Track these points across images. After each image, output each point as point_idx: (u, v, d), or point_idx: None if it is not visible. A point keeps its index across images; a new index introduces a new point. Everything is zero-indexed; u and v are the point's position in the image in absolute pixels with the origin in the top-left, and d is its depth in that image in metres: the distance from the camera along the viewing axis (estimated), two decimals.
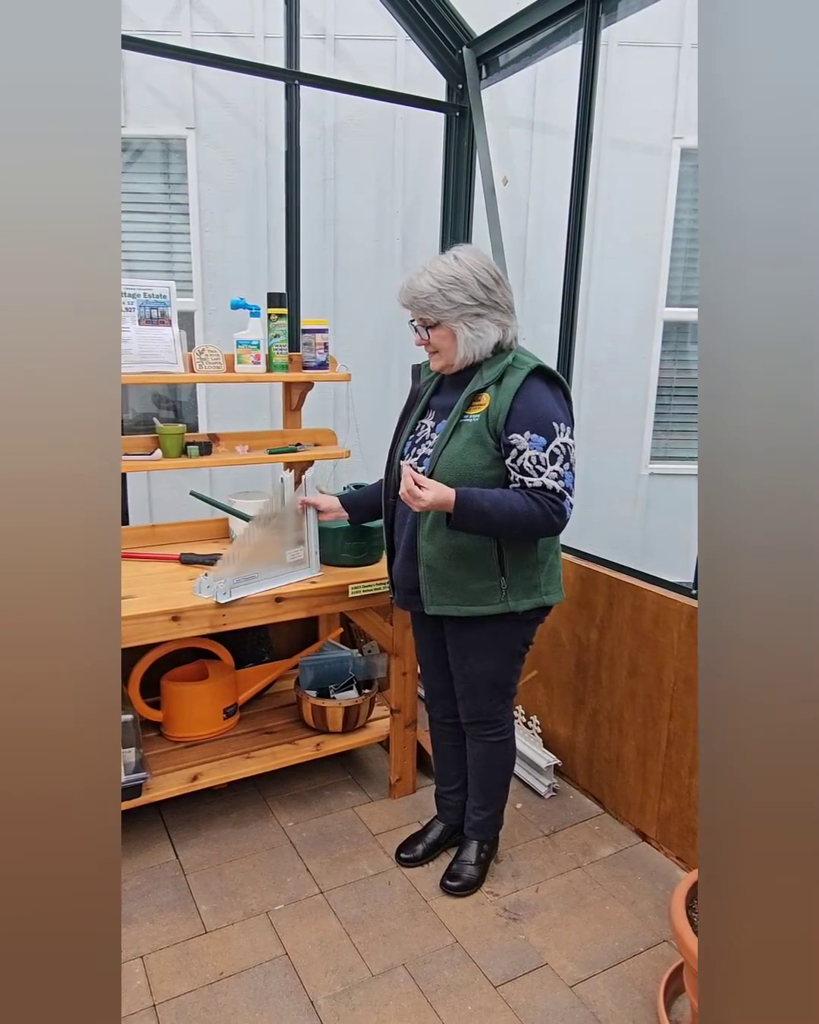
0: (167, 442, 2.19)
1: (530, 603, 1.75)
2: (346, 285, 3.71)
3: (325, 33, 3.44)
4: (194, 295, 3.62)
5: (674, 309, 4.02)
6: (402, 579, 1.83)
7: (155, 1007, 1.63)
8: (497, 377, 1.65)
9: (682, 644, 2.01)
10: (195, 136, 3.47)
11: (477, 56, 2.67)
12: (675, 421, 4.22)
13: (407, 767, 2.38)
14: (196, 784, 2.10)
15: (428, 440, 1.74)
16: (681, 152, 3.79)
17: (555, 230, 2.57)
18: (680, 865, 2.10)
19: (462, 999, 1.67)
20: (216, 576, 1.96)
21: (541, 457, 1.60)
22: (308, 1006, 1.64)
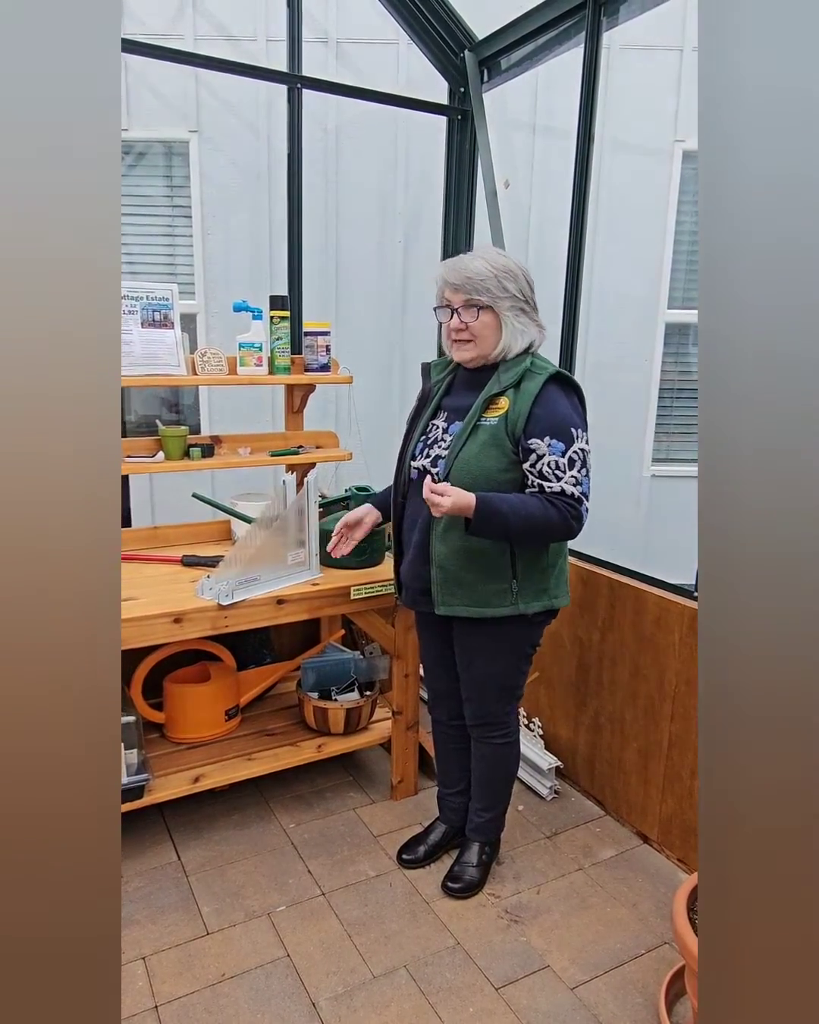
0: (169, 444, 2.20)
1: (540, 606, 1.76)
2: (348, 288, 3.72)
3: (328, 36, 3.45)
4: (196, 297, 3.63)
5: (676, 311, 4.03)
6: (412, 579, 1.82)
7: (157, 1008, 1.63)
8: (515, 381, 1.65)
9: (683, 646, 2.01)
10: (197, 139, 3.48)
11: (479, 59, 2.68)
12: (677, 423, 4.23)
13: (409, 769, 2.38)
14: (198, 786, 2.10)
15: (441, 441, 1.73)
16: (683, 155, 3.80)
17: (557, 233, 2.57)
18: (682, 867, 2.10)
19: (463, 1001, 1.67)
20: (218, 578, 1.97)
21: (560, 462, 1.61)
22: (310, 1007, 1.65)
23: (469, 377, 1.76)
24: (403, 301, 3.79)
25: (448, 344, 1.74)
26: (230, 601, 1.94)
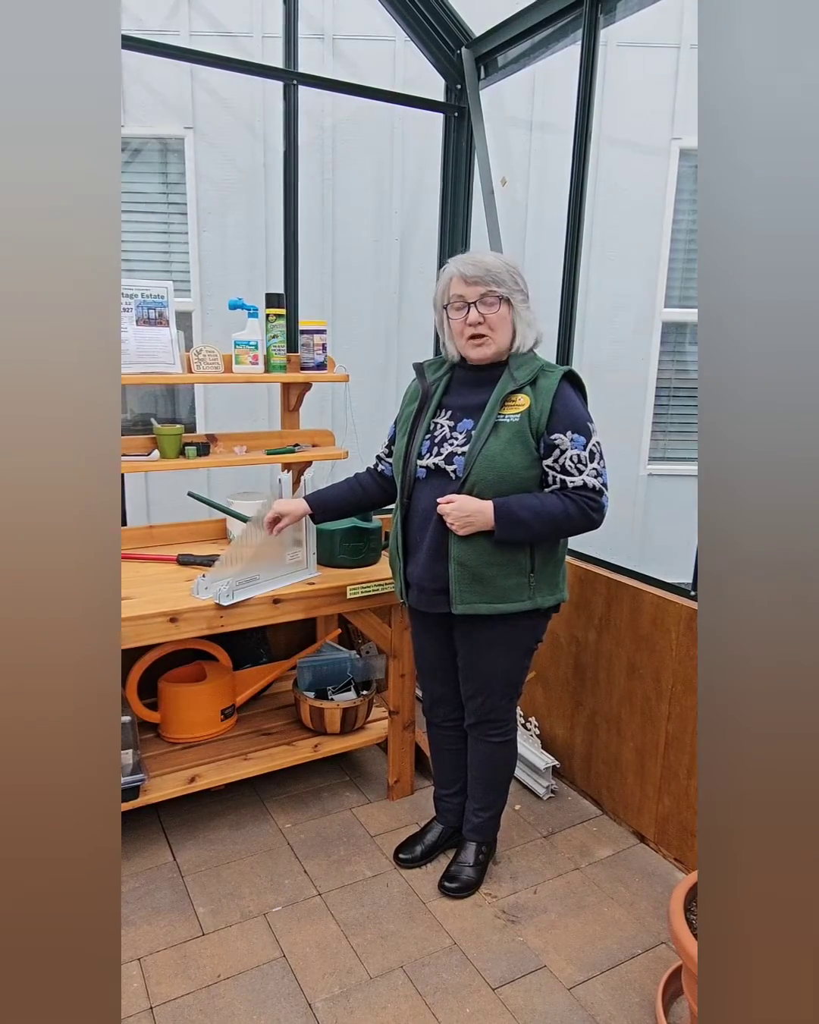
0: (165, 443, 2.19)
1: (553, 599, 1.79)
2: (344, 286, 3.71)
3: (324, 33, 3.44)
4: (192, 295, 3.62)
5: (673, 310, 4.02)
6: (429, 579, 1.77)
7: (152, 1009, 1.63)
8: (531, 379, 1.67)
9: (680, 645, 2.00)
10: (193, 136, 3.46)
11: (476, 56, 2.67)
12: (674, 422, 4.23)
13: (405, 768, 2.38)
14: (194, 786, 2.09)
15: (452, 439, 1.72)
16: (680, 152, 3.80)
17: (554, 231, 2.57)
18: (678, 866, 2.09)
19: (460, 1001, 1.67)
20: (215, 577, 1.96)
21: (582, 456, 1.66)
22: (306, 1008, 1.64)
23: (470, 376, 1.76)
24: (400, 299, 3.78)
25: (460, 342, 1.72)
26: (231, 601, 1.93)
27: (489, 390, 1.71)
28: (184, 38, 3.34)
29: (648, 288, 3.95)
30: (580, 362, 2.34)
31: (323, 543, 2.24)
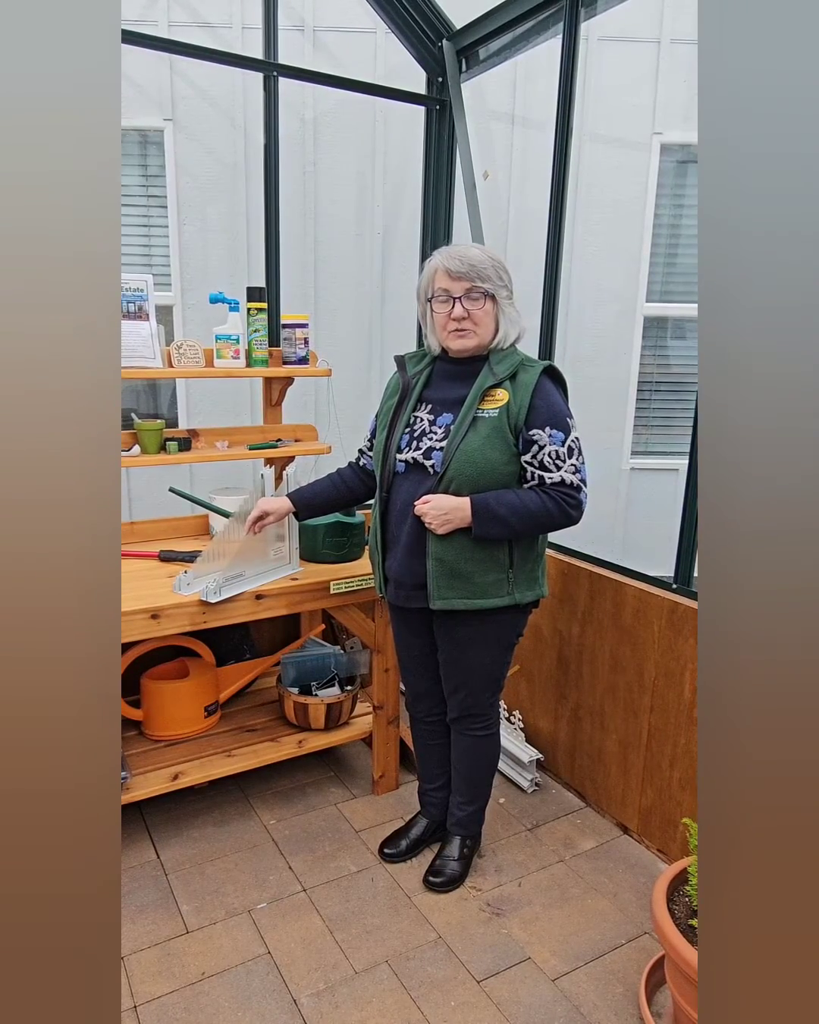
0: (145, 438, 2.17)
1: (532, 595, 1.79)
2: (327, 279, 3.69)
3: (304, 24, 3.41)
4: (172, 289, 3.58)
5: (654, 304, 4.03)
6: (406, 575, 1.77)
7: (136, 1008, 1.62)
8: (510, 373, 1.67)
9: (662, 638, 2.02)
10: (173, 128, 3.42)
11: (457, 49, 2.66)
12: (656, 416, 4.24)
13: (390, 763, 2.38)
14: (177, 783, 2.08)
15: (430, 433, 1.71)
16: (661, 148, 3.80)
17: (536, 225, 2.57)
18: (661, 857, 2.11)
19: (445, 994, 1.67)
20: (198, 573, 1.95)
21: (560, 452, 1.65)
22: (291, 1005, 1.64)
23: (451, 369, 1.75)
24: (382, 293, 3.77)
25: (442, 335, 1.71)
26: (219, 598, 1.91)
27: (469, 384, 1.70)
28: (163, 28, 3.30)
29: (630, 282, 3.96)
30: (562, 356, 2.35)
31: (306, 538, 2.23)
